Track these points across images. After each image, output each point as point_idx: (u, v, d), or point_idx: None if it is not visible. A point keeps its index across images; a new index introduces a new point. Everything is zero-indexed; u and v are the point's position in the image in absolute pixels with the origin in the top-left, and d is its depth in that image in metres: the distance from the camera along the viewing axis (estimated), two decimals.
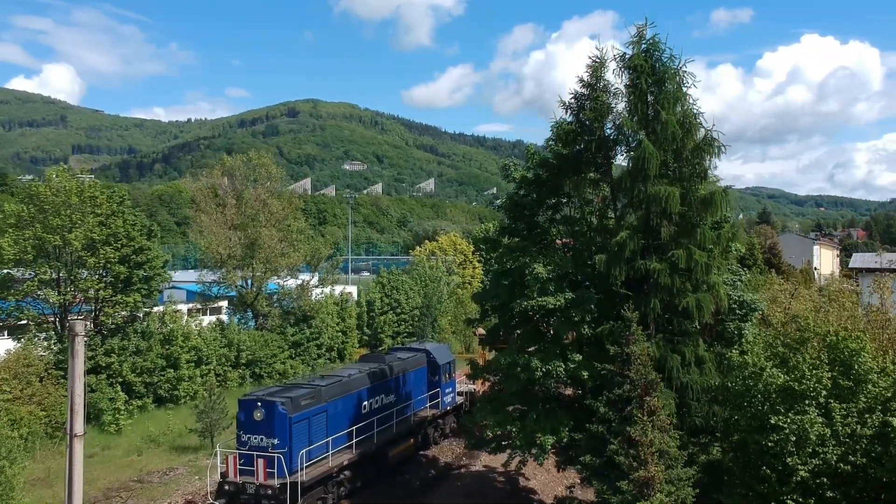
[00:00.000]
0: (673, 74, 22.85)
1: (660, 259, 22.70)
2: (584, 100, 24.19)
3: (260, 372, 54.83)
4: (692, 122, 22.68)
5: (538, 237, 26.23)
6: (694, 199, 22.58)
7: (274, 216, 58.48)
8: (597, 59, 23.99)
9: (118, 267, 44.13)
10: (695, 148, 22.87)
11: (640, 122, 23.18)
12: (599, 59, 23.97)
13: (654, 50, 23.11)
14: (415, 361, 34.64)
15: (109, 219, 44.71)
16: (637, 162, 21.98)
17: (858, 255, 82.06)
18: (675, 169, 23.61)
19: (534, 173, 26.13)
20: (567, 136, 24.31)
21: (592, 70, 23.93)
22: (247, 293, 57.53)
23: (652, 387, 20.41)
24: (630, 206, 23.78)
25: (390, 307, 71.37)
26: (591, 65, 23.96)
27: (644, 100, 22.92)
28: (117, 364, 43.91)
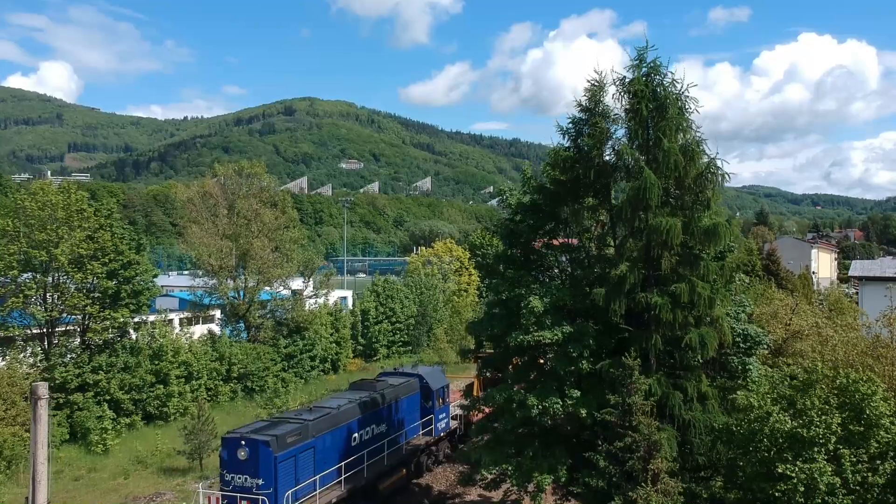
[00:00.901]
0: (675, 100, 21.95)
1: (661, 292, 21.80)
2: (582, 125, 23.30)
3: (252, 385, 53.91)
4: (695, 149, 21.77)
5: (535, 263, 25.35)
6: (696, 229, 21.69)
7: (266, 226, 57.48)
8: (595, 83, 23.10)
9: (106, 282, 43.19)
10: (697, 176, 21.98)
11: (641, 149, 22.30)
12: (598, 82, 23.07)
13: (654, 74, 22.20)
14: (407, 387, 33.55)
15: (97, 232, 43.69)
16: (637, 191, 21.08)
17: (858, 263, 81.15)
18: (676, 196, 22.73)
19: (530, 199, 25.22)
20: (565, 163, 23.43)
21: (591, 94, 23.03)
22: (239, 304, 56.57)
23: (655, 447, 19.53)
24: (630, 236, 22.84)
25: (385, 316, 70.50)
26: (590, 88, 23.06)
27: (644, 125, 22.02)
28: (105, 381, 42.96)
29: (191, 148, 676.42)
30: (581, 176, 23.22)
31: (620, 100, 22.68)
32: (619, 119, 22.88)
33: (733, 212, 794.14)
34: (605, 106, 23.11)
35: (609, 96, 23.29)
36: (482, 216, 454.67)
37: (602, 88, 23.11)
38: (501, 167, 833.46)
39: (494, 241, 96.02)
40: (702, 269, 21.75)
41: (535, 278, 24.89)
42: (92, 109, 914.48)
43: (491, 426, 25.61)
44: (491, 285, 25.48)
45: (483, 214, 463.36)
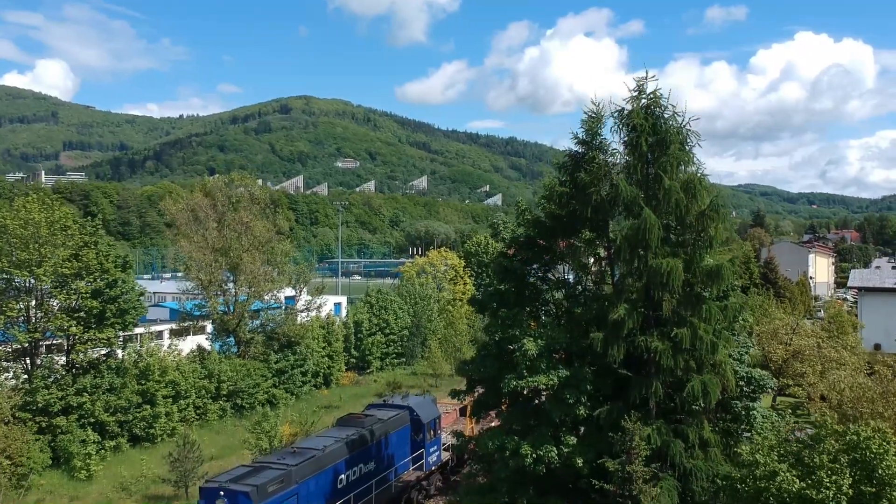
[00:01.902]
0: (676, 133, 20.95)
1: (662, 336, 20.82)
2: (579, 158, 22.30)
3: (242, 403, 52.87)
4: (697, 186, 20.76)
5: (529, 299, 24.31)
6: (698, 269, 20.72)
7: (257, 238, 56.37)
8: (593, 115, 22.09)
9: (90, 302, 42.06)
10: (699, 214, 20.98)
11: (640, 184, 21.28)
12: (595, 114, 22.07)
13: (654, 106, 21.21)
14: (397, 421, 32.40)
15: (82, 250, 42.54)
16: (637, 231, 20.10)
17: (857, 273, 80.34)
18: (677, 233, 21.74)
19: (525, 234, 24.20)
20: (560, 198, 22.43)
21: (588, 127, 22.02)
22: (229, 319, 55.48)
23: None
24: (629, 275, 21.81)
25: (379, 328, 69.45)
26: (587, 121, 22.05)
27: (644, 161, 21.04)
28: (89, 403, 41.83)
29: (186, 146, 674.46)
30: (577, 212, 22.22)
31: (619, 132, 21.69)
32: (618, 153, 21.88)
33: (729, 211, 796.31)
34: (603, 139, 22.14)
35: (607, 128, 22.37)
36: (478, 215, 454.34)
37: (599, 121, 22.12)
38: (498, 166, 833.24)
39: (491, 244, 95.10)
40: (704, 313, 20.76)
41: (530, 313, 23.89)
42: (87, 108, 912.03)
43: (483, 469, 24.61)
44: (484, 326, 24.44)
45: (479, 214, 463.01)
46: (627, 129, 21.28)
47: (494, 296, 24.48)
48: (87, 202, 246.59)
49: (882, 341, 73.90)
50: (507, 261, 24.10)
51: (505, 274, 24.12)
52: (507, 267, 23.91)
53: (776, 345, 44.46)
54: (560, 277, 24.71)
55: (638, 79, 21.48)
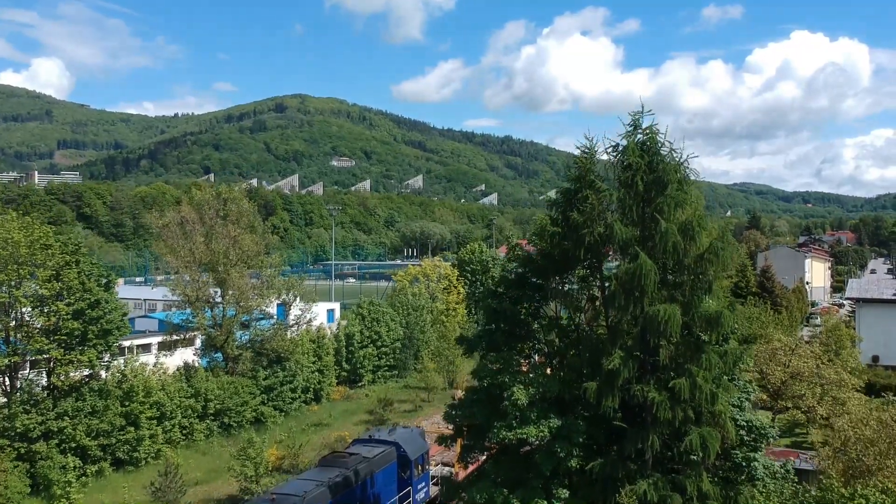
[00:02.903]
0: (674, 172, 19.91)
1: (659, 385, 19.80)
2: (571, 196, 21.27)
3: (229, 422, 51.77)
4: (695, 228, 19.72)
5: (521, 338, 23.26)
6: (697, 314, 19.69)
7: (245, 253, 55.26)
8: (586, 151, 21.05)
9: (71, 323, 40.89)
10: (698, 258, 19.96)
11: (636, 224, 20.25)
12: (589, 150, 21.03)
13: (651, 143, 20.16)
14: (383, 458, 31.18)
15: (63, 270, 41.41)
16: (632, 277, 19.09)
17: (855, 283, 79.50)
18: (675, 273, 20.71)
19: (515, 273, 23.16)
20: (552, 238, 21.39)
21: (580, 164, 20.99)
22: (216, 336, 54.37)
23: None
24: (624, 320, 20.75)
25: (370, 340, 68.36)
26: (580, 157, 21.01)
27: (640, 201, 19.98)
28: (70, 428, 40.70)
29: (181, 145, 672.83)
30: (570, 252, 21.18)
31: (615, 169, 20.63)
32: (612, 193, 20.83)
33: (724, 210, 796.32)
34: (597, 175, 21.08)
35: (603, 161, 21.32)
36: (474, 215, 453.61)
37: (592, 157, 21.08)
38: (493, 165, 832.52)
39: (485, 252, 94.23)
40: (703, 361, 19.74)
41: (520, 351, 22.86)
42: (82, 106, 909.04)
43: None
44: (473, 371, 23.36)
45: (475, 213, 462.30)
46: (622, 167, 20.26)
47: (483, 337, 23.45)
48: (79, 203, 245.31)
49: (880, 353, 73.05)
50: (496, 302, 23.04)
51: (495, 315, 23.11)
52: (497, 309, 22.88)
53: (774, 366, 43.50)
54: (553, 316, 23.64)
55: (633, 112, 20.46)
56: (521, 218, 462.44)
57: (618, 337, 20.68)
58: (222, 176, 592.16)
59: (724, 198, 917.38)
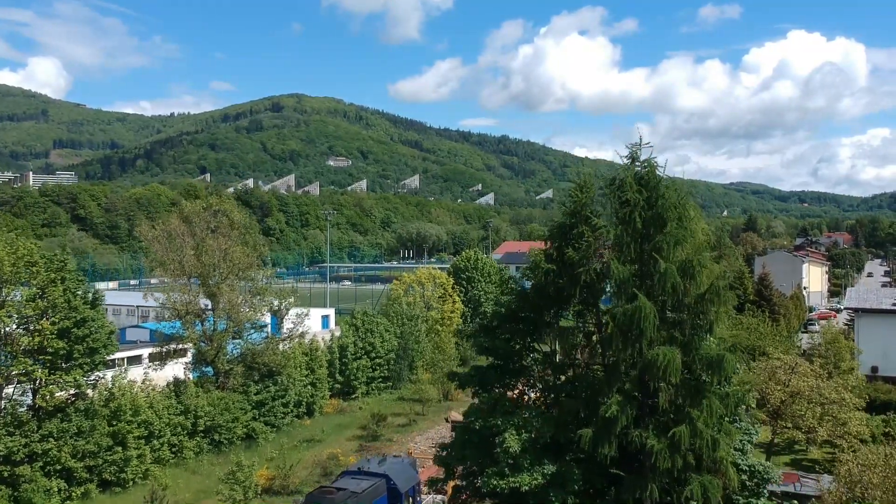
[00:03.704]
0: (673, 208, 19.07)
1: (657, 431, 18.98)
2: (566, 230, 20.42)
3: (220, 439, 50.87)
4: (696, 267, 18.89)
5: (514, 375, 22.43)
6: (698, 356, 18.87)
7: (236, 265, 54.38)
8: (582, 183, 20.21)
9: (57, 342, 39.96)
10: (699, 297, 19.13)
11: (633, 261, 19.42)
12: (584, 183, 20.19)
13: (650, 177, 19.33)
14: (373, 493, 30.13)
15: (48, 288, 40.50)
16: (630, 319, 18.26)
17: (854, 292, 78.72)
18: (674, 309, 19.88)
19: (509, 308, 22.31)
20: (547, 274, 20.55)
21: (576, 197, 20.15)
22: (206, 350, 53.48)
23: None
24: (622, 362, 19.91)
25: (364, 351, 67.47)
26: (575, 190, 20.17)
27: (638, 238, 19.15)
28: (56, 450, 39.78)
29: (177, 145, 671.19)
30: (565, 290, 20.34)
31: (611, 204, 19.80)
32: (609, 230, 19.98)
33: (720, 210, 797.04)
34: (593, 211, 20.23)
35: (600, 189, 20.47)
36: (470, 215, 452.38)
37: (589, 191, 20.23)
38: (490, 164, 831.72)
39: (481, 259, 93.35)
40: (704, 406, 18.91)
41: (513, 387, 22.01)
42: (77, 105, 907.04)
43: None
44: (465, 412, 22.49)
45: (471, 213, 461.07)
46: (619, 203, 19.42)
47: (475, 376, 22.60)
48: (74, 205, 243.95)
49: (879, 363, 72.34)
50: (488, 340, 22.21)
51: (487, 353, 22.27)
52: (489, 347, 22.04)
53: (773, 385, 42.65)
54: (547, 352, 22.79)
55: (631, 145, 19.64)
56: (518, 218, 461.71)
57: (615, 379, 19.86)
58: (219, 176, 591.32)
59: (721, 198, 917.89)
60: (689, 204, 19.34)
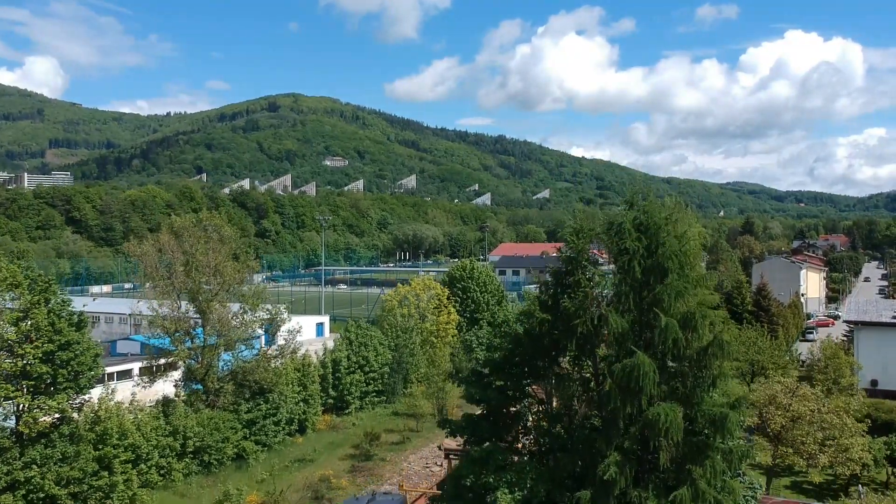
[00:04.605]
0: (674, 257, 18.12)
1: (658, 493, 18.07)
2: (562, 277, 19.49)
3: (209, 460, 49.84)
4: (698, 320, 17.97)
5: (507, 427, 21.49)
6: (700, 413, 17.94)
7: (227, 282, 53.40)
8: (578, 227, 19.26)
9: (40, 367, 38.90)
10: (702, 351, 18.21)
11: (632, 312, 18.49)
12: (581, 227, 19.24)
13: (649, 224, 18.38)
14: None
15: (31, 310, 39.44)
16: (629, 377, 17.36)
17: (853, 304, 77.95)
18: (675, 361, 18.95)
19: (502, 354, 21.37)
20: (542, 324, 19.61)
21: (573, 244, 19.20)
22: (196, 368, 52.51)
23: None
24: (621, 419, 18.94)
25: (358, 366, 66.47)
26: (572, 235, 19.23)
27: (637, 287, 18.21)
28: (39, 477, 38.71)
29: (174, 145, 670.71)
30: (560, 341, 19.42)
31: (609, 251, 18.87)
32: (606, 280, 19.04)
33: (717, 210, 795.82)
34: (590, 256, 19.30)
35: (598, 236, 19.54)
36: (467, 216, 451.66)
37: (586, 237, 19.28)
38: (487, 164, 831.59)
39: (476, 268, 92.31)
40: (707, 467, 17.99)
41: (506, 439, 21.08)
42: (73, 105, 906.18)
43: None
44: (455, 468, 21.57)
45: (468, 214, 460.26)
46: (618, 251, 18.49)
47: (467, 427, 21.66)
48: (69, 207, 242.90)
49: (879, 377, 71.67)
50: (479, 391, 21.26)
51: (478, 404, 21.32)
52: (481, 398, 21.10)
53: (774, 410, 41.76)
54: (542, 399, 21.84)
55: (632, 190, 18.70)
56: (515, 219, 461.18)
57: (614, 435, 18.94)
58: (215, 176, 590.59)
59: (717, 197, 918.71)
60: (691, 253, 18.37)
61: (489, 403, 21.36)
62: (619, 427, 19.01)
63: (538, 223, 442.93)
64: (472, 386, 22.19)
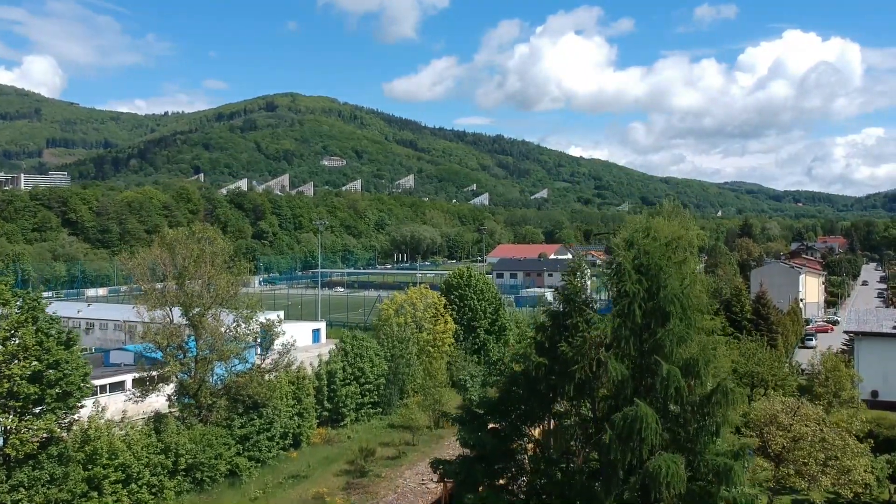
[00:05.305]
0: (676, 301, 17.36)
1: None
2: (560, 319, 18.76)
3: (202, 477, 49.04)
4: (701, 367, 17.24)
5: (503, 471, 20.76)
6: (703, 462, 17.22)
7: (220, 296, 52.65)
8: (576, 266, 18.52)
9: (27, 387, 38.15)
10: (705, 398, 17.49)
11: (633, 357, 17.76)
12: (578, 266, 18.49)
13: (650, 265, 17.63)
14: None
15: (19, 330, 38.69)
16: (630, 428, 16.62)
17: (854, 314, 77.33)
18: (677, 406, 18.22)
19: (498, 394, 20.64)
20: (538, 368, 18.88)
21: (570, 284, 18.47)
22: (189, 384, 51.74)
23: None
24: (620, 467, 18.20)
25: (353, 377, 65.69)
26: (569, 276, 18.49)
27: (637, 332, 17.48)
28: (27, 500, 38.00)
29: (171, 145, 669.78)
30: (558, 386, 18.68)
31: (608, 293, 18.15)
32: (607, 325, 18.30)
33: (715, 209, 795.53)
34: (588, 298, 18.56)
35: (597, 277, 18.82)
36: (465, 216, 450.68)
37: (583, 275, 18.53)
38: (485, 164, 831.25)
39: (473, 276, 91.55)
40: None
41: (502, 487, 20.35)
42: (71, 104, 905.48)
43: None
44: None
45: (466, 214, 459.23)
46: (617, 293, 17.75)
47: (460, 472, 20.95)
48: (65, 209, 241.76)
49: (879, 388, 71.07)
50: (473, 436, 20.53)
51: (472, 448, 20.60)
52: (475, 442, 20.38)
53: (775, 430, 41.00)
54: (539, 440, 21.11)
55: (632, 229, 17.95)
56: (513, 219, 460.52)
57: (613, 486, 18.20)
58: (212, 176, 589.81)
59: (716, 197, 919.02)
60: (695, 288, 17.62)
61: (483, 447, 20.66)
62: (618, 476, 18.28)
63: (536, 223, 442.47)
64: (466, 428, 21.46)
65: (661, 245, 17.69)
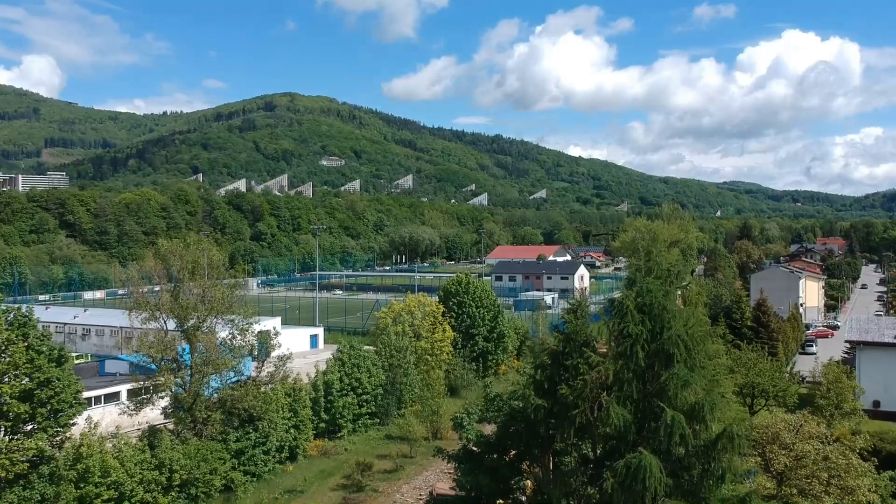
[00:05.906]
0: (681, 343, 16.70)
1: None
2: (560, 359, 18.12)
3: (196, 493, 48.35)
4: (706, 413, 16.61)
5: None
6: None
7: (215, 307, 51.97)
8: (577, 305, 17.88)
9: (18, 406, 37.56)
10: (710, 444, 16.85)
11: (635, 401, 17.13)
12: (579, 304, 17.86)
13: (654, 305, 16.98)
14: None
15: (9, 348, 38.08)
16: (632, 476, 15.98)
17: (855, 322, 76.78)
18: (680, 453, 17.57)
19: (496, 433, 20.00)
20: (537, 410, 18.23)
21: (570, 323, 17.84)
22: (183, 398, 51.07)
23: None
24: None
25: (350, 387, 65.00)
26: (569, 315, 17.86)
27: (640, 374, 16.85)
28: None
29: (170, 144, 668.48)
30: (556, 430, 18.04)
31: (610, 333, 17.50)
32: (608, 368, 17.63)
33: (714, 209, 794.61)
34: (589, 338, 17.91)
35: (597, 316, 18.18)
36: (464, 217, 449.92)
37: (584, 314, 17.89)
38: (483, 164, 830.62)
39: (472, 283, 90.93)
40: None
41: None
42: (69, 104, 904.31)
43: None
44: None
45: (465, 215, 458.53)
46: (619, 334, 17.10)
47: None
48: (63, 211, 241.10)
49: (881, 398, 70.59)
50: (471, 478, 19.89)
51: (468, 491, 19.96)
52: (471, 485, 19.74)
53: (777, 449, 40.48)
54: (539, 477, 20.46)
55: (633, 264, 17.33)
56: (512, 220, 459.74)
57: None
58: (211, 176, 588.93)
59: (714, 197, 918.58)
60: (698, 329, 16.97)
61: (480, 490, 20.03)
62: None
63: (535, 224, 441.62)
64: (463, 468, 20.82)
65: (664, 282, 17.07)
